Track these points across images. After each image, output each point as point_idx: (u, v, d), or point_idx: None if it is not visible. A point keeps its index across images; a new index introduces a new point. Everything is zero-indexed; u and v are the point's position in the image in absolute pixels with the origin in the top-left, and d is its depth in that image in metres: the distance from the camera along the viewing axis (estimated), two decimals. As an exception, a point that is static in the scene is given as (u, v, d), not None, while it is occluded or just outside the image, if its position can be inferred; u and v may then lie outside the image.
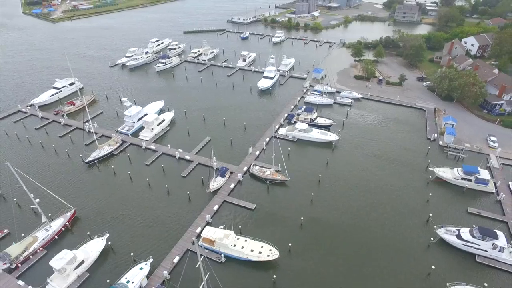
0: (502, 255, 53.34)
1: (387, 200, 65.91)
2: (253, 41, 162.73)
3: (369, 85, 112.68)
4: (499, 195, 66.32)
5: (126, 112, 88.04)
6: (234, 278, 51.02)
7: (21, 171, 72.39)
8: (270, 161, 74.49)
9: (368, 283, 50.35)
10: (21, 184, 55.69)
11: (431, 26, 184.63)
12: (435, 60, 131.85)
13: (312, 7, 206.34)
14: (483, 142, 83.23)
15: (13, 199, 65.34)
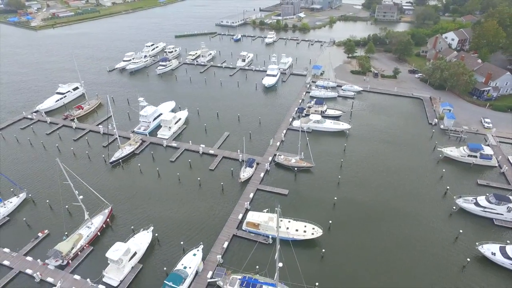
0: (516, 218, 60.02)
1: (405, 179, 71.48)
2: (246, 42, 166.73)
3: (366, 79, 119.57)
4: (502, 168, 73.71)
5: (141, 112, 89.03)
6: (285, 258, 53.87)
7: (46, 176, 73.36)
8: (290, 151, 78.80)
9: (404, 251, 54.96)
10: (68, 181, 56.08)
11: (410, 24, 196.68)
12: (422, 54, 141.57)
13: (297, 9, 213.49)
14: (479, 124, 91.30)
15: (60, 197, 64.73)
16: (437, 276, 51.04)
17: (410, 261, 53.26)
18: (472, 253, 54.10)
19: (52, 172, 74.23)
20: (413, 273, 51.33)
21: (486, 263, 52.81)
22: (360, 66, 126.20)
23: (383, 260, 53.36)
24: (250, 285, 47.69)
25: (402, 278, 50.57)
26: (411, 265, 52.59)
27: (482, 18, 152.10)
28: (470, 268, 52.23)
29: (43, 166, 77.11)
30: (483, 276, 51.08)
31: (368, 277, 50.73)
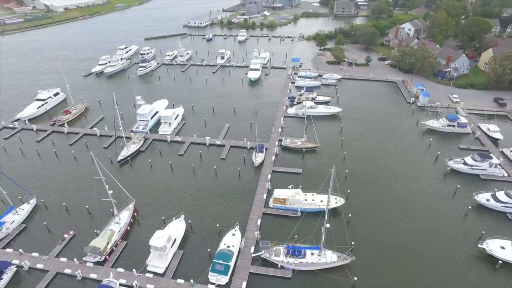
0: (496, 170, 70.01)
1: (400, 149, 79.69)
2: (218, 41, 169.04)
3: (343, 68, 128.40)
4: (475, 133, 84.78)
5: (139, 111, 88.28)
6: (317, 227, 58.06)
7: (53, 180, 70.74)
8: (292, 135, 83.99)
9: (413, 206, 62.20)
10: (100, 176, 55.35)
11: (366, 18, 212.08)
12: (385, 43, 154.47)
13: (260, 8, 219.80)
14: (448, 100, 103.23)
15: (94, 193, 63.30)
16: (446, 223, 58.68)
17: (421, 213, 60.75)
18: (471, 202, 62.67)
19: (60, 177, 71.98)
20: (425, 222, 58.67)
21: (483, 209, 61.57)
22: (335, 57, 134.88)
23: (399, 216, 60.24)
24: (296, 251, 51.37)
25: (416, 226, 57.91)
26: (422, 216, 59.95)
27: (431, 10, 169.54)
28: (472, 214, 60.66)
29: (46, 172, 74.04)
30: (483, 219, 59.56)
31: (390, 230, 56.99)
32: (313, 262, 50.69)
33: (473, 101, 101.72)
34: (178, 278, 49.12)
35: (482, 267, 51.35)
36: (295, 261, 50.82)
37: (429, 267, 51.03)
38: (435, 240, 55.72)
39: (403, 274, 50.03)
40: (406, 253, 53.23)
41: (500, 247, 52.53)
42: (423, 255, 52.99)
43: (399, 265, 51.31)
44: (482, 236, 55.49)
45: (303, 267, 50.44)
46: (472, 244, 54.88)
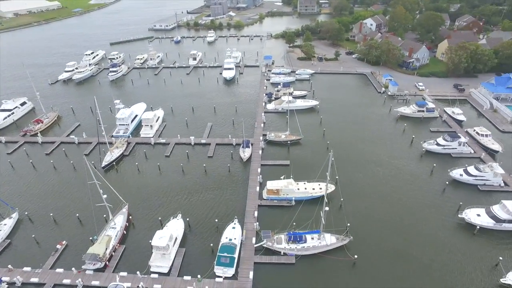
0: (465, 148, 76.51)
1: (378, 135, 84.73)
2: (187, 43, 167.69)
3: (314, 63, 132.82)
4: (442, 117, 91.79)
5: (118, 115, 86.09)
6: (309, 213, 60.20)
7: (34, 192, 67.38)
8: (274, 129, 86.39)
9: (396, 184, 66.72)
10: (94, 180, 53.69)
11: (329, 15, 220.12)
12: (350, 38, 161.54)
13: (225, 9, 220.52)
14: (414, 88, 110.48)
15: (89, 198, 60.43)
16: (428, 198, 63.57)
17: (405, 192, 65.33)
18: (447, 178, 68.15)
19: (41, 188, 68.70)
20: (410, 199, 63.19)
21: (457, 183, 67.12)
22: (305, 53, 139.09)
23: (386, 195, 64.50)
24: (297, 237, 53.20)
25: (403, 203, 62.34)
26: (407, 195, 64.47)
27: (389, 6, 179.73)
28: (449, 188, 66.03)
29: (24, 184, 70.24)
30: (458, 192, 64.98)
31: (380, 209, 60.76)
32: (314, 246, 52.80)
33: (436, 88, 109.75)
34: (184, 275, 49.20)
35: (463, 233, 56.29)
36: (297, 247, 52.63)
37: (418, 236, 55.38)
38: (420, 213, 60.25)
39: (396, 245, 53.74)
40: (396, 228, 57.01)
41: (476, 215, 57.81)
42: (411, 226, 57.29)
43: (392, 239, 54.88)
44: (460, 207, 60.67)
45: (305, 252, 52.36)
46: (452, 214, 59.91)
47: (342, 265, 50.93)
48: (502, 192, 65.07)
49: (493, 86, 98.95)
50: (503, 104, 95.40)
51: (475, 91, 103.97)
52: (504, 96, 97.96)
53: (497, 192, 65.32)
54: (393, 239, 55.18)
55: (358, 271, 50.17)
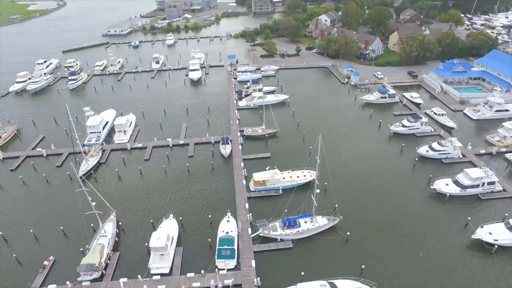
0: (426, 128, 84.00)
1: (347, 121, 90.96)
2: (146, 47, 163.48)
3: (277, 59, 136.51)
4: (402, 101, 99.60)
5: (89, 123, 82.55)
6: (298, 199, 62.56)
7: (4, 211, 62.96)
8: (250, 125, 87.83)
9: (371, 164, 71.91)
10: (82, 188, 51.43)
11: (283, 13, 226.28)
12: (308, 34, 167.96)
13: (180, 11, 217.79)
14: (374, 77, 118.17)
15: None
16: (402, 174, 69.37)
17: (381, 170, 70.85)
18: (415, 155, 74.49)
19: (13, 205, 64.10)
20: (386, 176, 68.72)
21: (425, 159, 73.73)
22: (267, 50, 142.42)
23: (364, 174, 69.35)
24: (292, 222, 55.40)
25: (380, 179, 67.53)
26: (383, 172, 69.95)
27: (341, 3, 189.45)
28: (418, 164, 72.34)
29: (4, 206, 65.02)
30: (427, 166, 71.48)
31: (361, 188, 65.35)
32: (308, 228, 55.34)
33: (393, 76, 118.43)
34: (187, 273, 49.17)
35: (436, 202, 62.30)
36: (292, 232, 54.80)
37: (398, 208, 60.62)
38: (397, 187, 65.69)
39: (380, 218, 58.37)
40: (378, 204, 61.64)
41: (445, 184, 64.17)
42: (391, 200, 62.56)
43: (376, 214, 59.34)
44: (431, 179, 66.89)
45: (300, 235, 54.71)
46: (425, 186, 65.96)
47: (337, 243, 54.03)
48: (462, 163, 72.72)
49: (442, 71, 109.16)
50: (451, 86, 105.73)
51: (426, 76, 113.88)
52: (451, 80, 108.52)
53: (458, 163, 72.85)
54: (377, 213, 59.59)
55: (351, 246, 53.59)
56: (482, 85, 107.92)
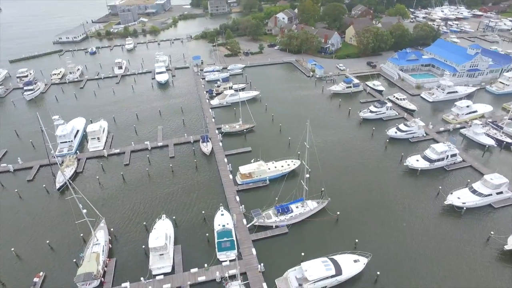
0: (391, 112, 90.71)
1: (318, 111, 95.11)
2: (104, 53, 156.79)
3: (241, 58, 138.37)
4: (366, 90, 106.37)
5: (58, 133, 78.49)
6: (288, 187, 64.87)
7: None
8: (225, 122, 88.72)
9: (346, 152, 76.50)
10: (73, 195, 49.28)
11: (240, 13, 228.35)
12: (268, 32, 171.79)
13: (135, 15, 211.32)
14: (336, 69, 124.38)
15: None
16: (376, 154, 74.82)
17: (356, 153, 75.92)
18: (385, 137, 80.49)
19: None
20: (361, 158, 73.75)
21: (394, 140, 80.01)
22: (231, 50, 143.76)
23: (341, 159, 73.90)
24: (286, 208, 57.63)
25: (356, 162, 72.39)
26: (358, 155, 75.03)
27: (295, 1, 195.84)
28: (389, 145, 78.39)
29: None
30: (397, 146, 77.71)
31: (341, 171, 69.66)
32: (301, 213, 57.94)
33: (354, 67, 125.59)
34: (190, 269, 49.40)
35: (409, 177, 68.43)
36: (286, 218, 57.06)
37: (377, 186, 65.93)
38: (374, 168, 71.24)
39: (363, 196, 63.27)
40: (359, 183, 66.46)
41: (415, 160, 70.29)
42: (370, 179, 67.70)
43: (358, 193, 64.16)
44: (402, 157, 72.80)
45: (294, 220, 57.16)
46: (398, 164, 71.77)
47: (329, 223, 57.31)
48: (426, 140, 79.86)
49: (397, 60, 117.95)
50: (407, 73, 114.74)
51: (384, 66, 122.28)
52: (406, 68, 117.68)
53: (423, 141, 79.92)
54: (360, 193, 64.12)
55: (342, 224, 57.21)
56: (432, 71, 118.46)
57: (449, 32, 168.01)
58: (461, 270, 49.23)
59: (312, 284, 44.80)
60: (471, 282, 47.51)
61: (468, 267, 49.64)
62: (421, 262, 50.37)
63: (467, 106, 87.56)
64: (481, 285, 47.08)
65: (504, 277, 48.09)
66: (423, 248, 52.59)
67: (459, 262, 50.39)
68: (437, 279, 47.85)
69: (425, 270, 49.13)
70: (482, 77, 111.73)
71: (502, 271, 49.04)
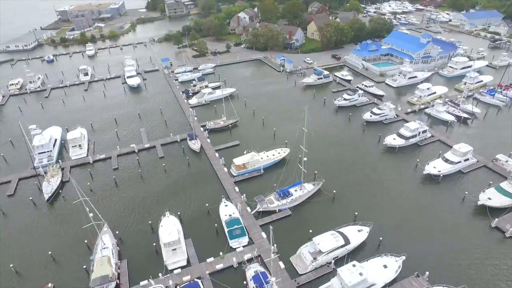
0: (363, 98, 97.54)
1: (294, 103, 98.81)
2: (64, 61, 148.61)
3: (210, 58, 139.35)
4: (336, 80, 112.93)
5: (36, 143, 74.42)
6: (279, 176, 67.75)
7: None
8: (208, 119, 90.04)
9: (328, 138, 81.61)
10: (80, 199, 47.95)
11: (198, 15, 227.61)
12: (231, 32, 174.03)
13: (90, 21, 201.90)
14: (304, 63, 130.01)
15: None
16: (356, 137, 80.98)
17: (337, 138, 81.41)
18: (362, 121, 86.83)
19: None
20: (341, 141, 79.56)
21: (370, 123, 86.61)
22: (198, 51, 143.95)
23: (325, 144, 78.76)
24: (286, 192, 60.62)
25: (339, 145, 78.01)
26: (339, 139, 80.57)
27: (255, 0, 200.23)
28: (367, 128, 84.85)
29: None
30: (374, 128, 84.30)
31: (327, 154, 74.42)
32: (300, 195, 61.27)
33: (320, 60, 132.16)
34: (207, 259, 50.54)
35: (389, 154, 75.08)
36: (287, 201, 60.10)
37: (362, 164, 71.53)
38: (356, 149, 77.46)
39: (351, 174, 68.71)
40: (345, 164, 71.74)
41: (392, 139, 76.96)
42: (355, 159, 73.22)
43: (347, 171, 69.73)
44: (380, 137, 79.24)
45: (295, 203, 60.41)
46: (377, 143, 78.15)
47: (327, 202, 61.48)
48: (397, 121, 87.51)
49: (360, 51, 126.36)
50: (369, 63, 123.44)
51: (348, 57, 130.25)
52: (369, 58, 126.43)
53: (395, 122, 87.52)
54: (348, 172, 69.55)
55: (340, 201, 61.72)
56: (391, 60, 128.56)
57: (399, 24, 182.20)
58: (445, 224, 56.48)
59: (325, 255, 48.25)
60: (454, 232, 54.93)
61: (450, 221, 57.02)
62: (413, 223, 56.70)
63: (427, 88, 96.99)
64: (462, 234, 54.67)
65: (479, 225, 56.30)
66: (412, 211, 58.88)
67: (443, 219, 57.57)
68: (428, 234, 54.46)
69: (417, 229, 55.54)
70: (434, 63, 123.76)
71: (477, 221, 57.24)
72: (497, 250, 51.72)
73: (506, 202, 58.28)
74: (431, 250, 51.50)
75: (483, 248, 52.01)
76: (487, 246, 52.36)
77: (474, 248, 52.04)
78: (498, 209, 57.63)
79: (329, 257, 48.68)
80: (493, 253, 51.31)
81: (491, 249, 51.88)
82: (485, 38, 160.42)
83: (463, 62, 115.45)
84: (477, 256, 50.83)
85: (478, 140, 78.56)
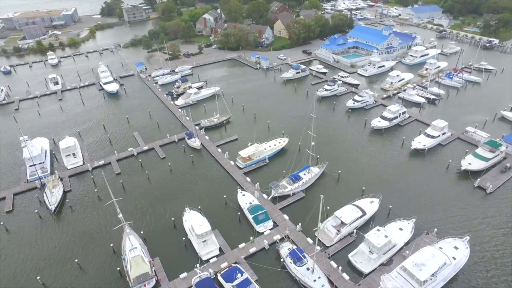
0: (342, 88, 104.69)
1: (278, 97, 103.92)
2: (23, 71, 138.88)
3: (184, 60, 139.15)
4: (312, 74, 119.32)
5: (26, 155, 70.55)
6: (283, 163, 71.65)
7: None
8: (200, 118, 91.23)
9: (319, 127, 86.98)
10: (113, 199, 47.46)
11: (159, 18, 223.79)
12: (199, 34, 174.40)
13: (42, 28, 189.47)
14: (278, 59, 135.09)
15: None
16: (344, 123, 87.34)
17: (328, 125, 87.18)
18: (346, 108, 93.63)
19: None
20: (332, 128, 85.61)
21: (354, 109, 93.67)
22: (171, 54, 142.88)
23: (318, 129, 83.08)
24: (297, 176, 64.55)
25: (330, 130, 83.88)
26: (329, 126, 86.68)
27: (218, 2, 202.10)
28: (352, 114, 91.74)
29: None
30: (359, 114, 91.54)
31: (323, 137, 79.66)
32: (309, 178, 65.55)
33: (292, 56, 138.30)
34: (238, 245, 52.72)
35: (376, 136, 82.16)
36: (299, 184, 64.02)
37: (356, 147, 77.98)
38: (345, 133, 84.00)
39: (348, 155, 74.75)
40: (339, 146, 78.07)
41: (378, 121, 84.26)
42: (348, 144, 79.44)
43: (342, 153, 75.46)
44: (366, 121, 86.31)
45: (306, 185, 64.67)
46: (363, 127, 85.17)
47: (332, 182, 66.68)
48: (377, 106, 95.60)
49: (329, 45, 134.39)
50: (339, 56, 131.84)
51: (318, 52, 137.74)
52: (338, 51, 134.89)
53: (375, 107, 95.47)
54: (345, 153, 75.64)
55: (345, 179, 67.24)
56: (358, 52, 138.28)
57: (356, 19, 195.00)
58: (438, 189, 64.48)
59: (348, 226, 52.92)
60: (446, 194, 63.28)
61: (441, 186, 65.28)
62: (412, 190, 64.12)
63: (397, 75, 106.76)
64: (453, 194, 63.13)
65: (465, 186, 65.03)
66: (408, 181, 66.17)
67: (435, 184, 65.68)
68: (426, 198, 61.81)
69: (415, 194, 63.11)
70: (396, 53, 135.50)
71: (463, 183, 65.96)
72: (483, 205, 60.47)
73: (483, 165, 67.57)
74: (432, 210, 58.76)
75: (471, 203, 60.62)
76: (473, 202, 60.98)
77: (465, 204, 60.42)
78: (478, 172, 66.80)
79: (351, 228, 53.43)
80: (480, 207, 59.91)
81: (478, 204, 60.45)
82: (432, 30, 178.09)
83: (421, 51, 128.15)
84: (469, 209, 59.21)
85: (447, 117, 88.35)
